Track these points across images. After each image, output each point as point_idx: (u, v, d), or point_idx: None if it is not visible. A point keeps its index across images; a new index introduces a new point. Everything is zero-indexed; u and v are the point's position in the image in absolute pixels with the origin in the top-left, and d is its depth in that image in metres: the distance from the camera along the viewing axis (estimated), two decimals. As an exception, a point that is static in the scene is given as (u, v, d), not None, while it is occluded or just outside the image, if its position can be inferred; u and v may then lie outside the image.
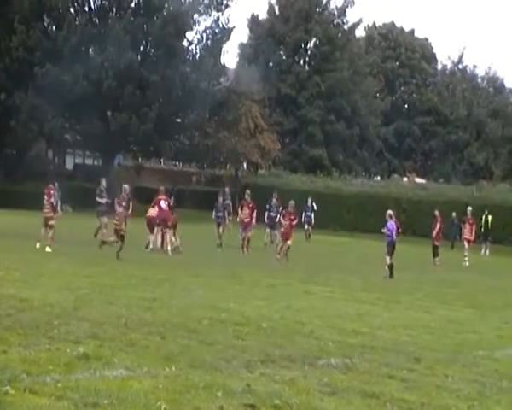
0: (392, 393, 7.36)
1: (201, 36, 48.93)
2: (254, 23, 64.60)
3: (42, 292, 11.97)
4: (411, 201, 44.49)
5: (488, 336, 11.69)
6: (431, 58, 78.05)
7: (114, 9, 46.52)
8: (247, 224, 25.72)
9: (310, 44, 64.35)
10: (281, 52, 63.97)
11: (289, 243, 23.53)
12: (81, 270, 15.78)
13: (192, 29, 48.76)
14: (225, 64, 53.20)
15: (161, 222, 22.79)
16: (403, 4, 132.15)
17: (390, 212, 21.17)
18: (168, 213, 23.04)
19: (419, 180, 59.90)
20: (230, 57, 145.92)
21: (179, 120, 49.77)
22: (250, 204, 26.22)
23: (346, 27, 64.65)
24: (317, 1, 63.55)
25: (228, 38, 49.87)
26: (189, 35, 48.82)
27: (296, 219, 24.66)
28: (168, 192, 27.40)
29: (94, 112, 44.67)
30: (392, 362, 8.82)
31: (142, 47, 47.28)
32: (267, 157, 54.32)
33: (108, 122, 45.26)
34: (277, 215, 28.81)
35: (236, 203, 31.59)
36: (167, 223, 22.78)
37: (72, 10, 46.49)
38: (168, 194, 26.16)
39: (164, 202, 23.21)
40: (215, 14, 48.85)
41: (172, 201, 24.43)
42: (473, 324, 12.85)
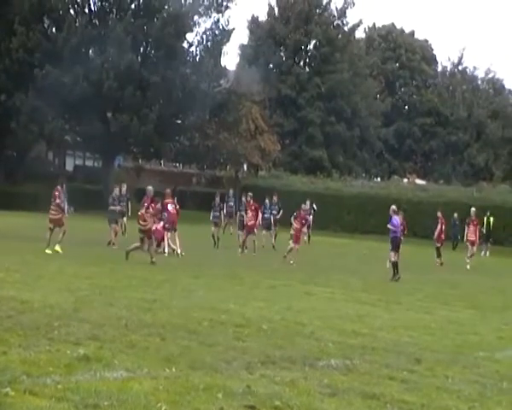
0: (392, 394, 7.35)
1: (201, 37, 49.03)
2: (254, 24, 64.69)
3: (42, 294, 11.96)
4: (411, 202, 44.44)
5: (489, 337, 11.68)
6: (431, 59, 78.13)
7: (114, 11, 46.58)
8: (251, 227, 25.65)
9: (310, 46, 64.43)
10: (281, 53, 64.05)
11: (297, 247, 23.45)
12: (81, 271, 15.78)
13: (192, 30, 48.90)
14: (225, 65, 53.42)
15: (170, 226, 22.71)
16: (403, 6, 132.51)
17: (394, 207, 21.08)
18: (176, 216, 22.92)
19: (419, 181, 59.88)
20: (230, 59, 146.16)
21: (179, 122, 49.78)
22: (253, 206, 26.19)
23: (346, 29, 64.71)
24: (317, 2, 63.61)
25: (228, 40, 49.97)
26: (190, 36, 49.03)
27: (307, 222, 24.52)
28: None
29: (94, 113, 44.70)
30: (392, 363, 8.80)
31: (142, 48, 47.32)
32: (267, 158, 54.32)
33: (109, 123, 45.29)
34: (271, 217, 28.97)
35: (237, 205, 31.51)
36: (176, 226, 22.73)
37: (72, 12, 46.58)
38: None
39: (171, 206, 23.05)
40: (215, 15, 49.03)
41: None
42: (473, 325, 12.84)
